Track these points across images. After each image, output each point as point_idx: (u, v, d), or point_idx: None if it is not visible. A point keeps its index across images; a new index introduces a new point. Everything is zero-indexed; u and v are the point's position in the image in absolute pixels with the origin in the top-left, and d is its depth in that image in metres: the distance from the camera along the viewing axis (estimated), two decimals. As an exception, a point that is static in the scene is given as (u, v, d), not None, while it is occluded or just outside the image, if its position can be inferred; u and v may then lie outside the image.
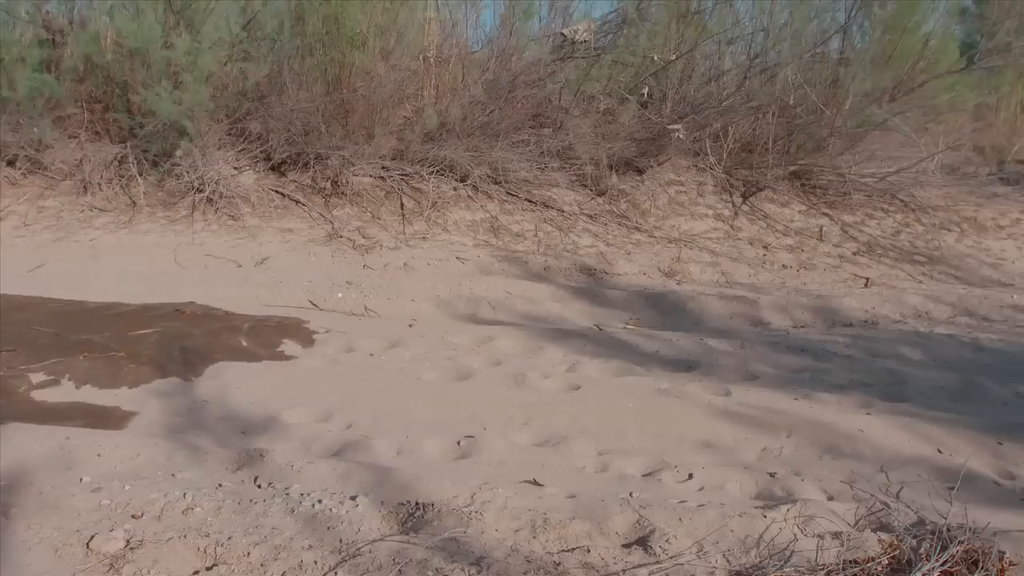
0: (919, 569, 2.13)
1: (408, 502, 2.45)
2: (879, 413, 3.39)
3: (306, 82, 6.72)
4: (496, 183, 6.94)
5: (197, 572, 2.11)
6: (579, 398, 3.52)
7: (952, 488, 2.70)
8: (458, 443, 3.07)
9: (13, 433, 2.87)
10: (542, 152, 7.12)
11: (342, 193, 6.66)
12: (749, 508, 2.52)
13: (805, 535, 2.36)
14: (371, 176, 6.80)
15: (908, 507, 2.57)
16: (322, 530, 2.30)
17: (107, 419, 3.26)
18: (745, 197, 7.51)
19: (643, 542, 2.30)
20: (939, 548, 2.21)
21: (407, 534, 2.31)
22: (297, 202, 6.58)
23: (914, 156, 7.68)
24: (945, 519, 2.44)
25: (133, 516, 2.32)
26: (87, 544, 2.17)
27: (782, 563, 2.21)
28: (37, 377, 3.54)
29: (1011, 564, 2.22)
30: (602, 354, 4.12)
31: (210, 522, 2.31)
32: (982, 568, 2.16)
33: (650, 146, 7.43)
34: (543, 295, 5.32)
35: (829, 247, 6.99)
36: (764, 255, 6.68)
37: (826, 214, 7.51)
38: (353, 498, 2.46)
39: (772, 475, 2.82)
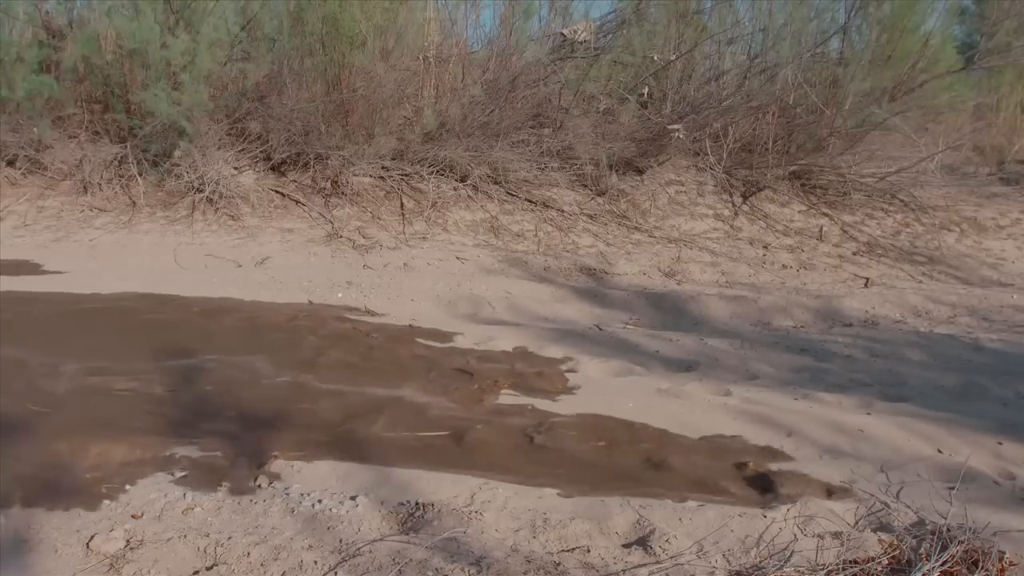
0: (919, 569, 2.13)
1: (408, 502, 2.45)
2: (879, 413, 3.39)
3: (306, 82, 6.72)
4: (496, 183, 6.94)
5: (197, 572, 2.11)
6: (579, 398, 3.52)
7: (952, 488, 2.69)
8: (458, 443, 3.06)
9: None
10: (542, 152, 7.12)
11: (342, 193, 6.66)
12: (749, 508, 2.51)
13: (805, 535, 2.36)
14: (371, 176, 6.79)
15: (908, 507, 2.57)
16: (322, 530, 2.30)
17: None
18: (745, 197, 7.50)
19: (643, 542, 2.30)
20: (939, 548, 2.21)
21: (407, 534, 2.31)
22: (297, 202, 6.58)
23: (914, 156, 7.68)
24: (945, 519, 2.43)
25: (133, 516, 2.32)
26: (87, 544, 2.17)
27: (782, 563, 2.21)
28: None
29: (1011, 564, 2.22)
30: (602, 354, 4.12)
31: (210, 522, 2.30)
32: (982, 568, 2.15)
33: (650, 146, 7.43)
34: (543, 295, 5.32)
35: (829, 247, 6.99)
36: (764, 255, 6.67)
37: (826, 214, 7.51)
38: (353, 498, 2.46)
39: (772, 475, 2.82)
